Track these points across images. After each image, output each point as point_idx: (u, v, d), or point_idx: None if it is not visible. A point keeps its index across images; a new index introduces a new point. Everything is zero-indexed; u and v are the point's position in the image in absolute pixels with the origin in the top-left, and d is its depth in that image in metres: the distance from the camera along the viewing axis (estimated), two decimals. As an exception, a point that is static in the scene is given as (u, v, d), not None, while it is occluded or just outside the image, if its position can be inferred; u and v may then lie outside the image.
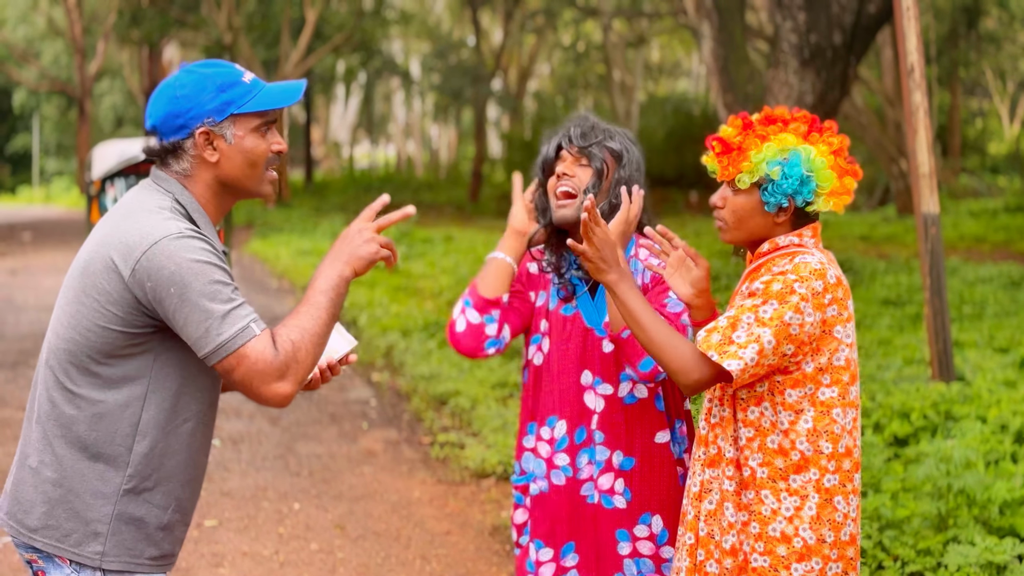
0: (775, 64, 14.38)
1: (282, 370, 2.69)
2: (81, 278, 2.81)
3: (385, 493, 7.46)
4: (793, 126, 3.14)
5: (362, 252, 2.86)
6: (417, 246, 22.13)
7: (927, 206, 7.99)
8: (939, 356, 8.05)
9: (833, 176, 3.09)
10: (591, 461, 3.47)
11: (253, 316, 2.71)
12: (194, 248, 2.71)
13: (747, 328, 2.98)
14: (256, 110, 2.89)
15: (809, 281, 3.00)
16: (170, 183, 2.89)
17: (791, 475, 3.06)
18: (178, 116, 2.85)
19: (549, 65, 50.00)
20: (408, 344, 12.14)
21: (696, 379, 3.01)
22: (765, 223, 3.14)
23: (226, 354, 2.67)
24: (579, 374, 3.48)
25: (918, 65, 8.02)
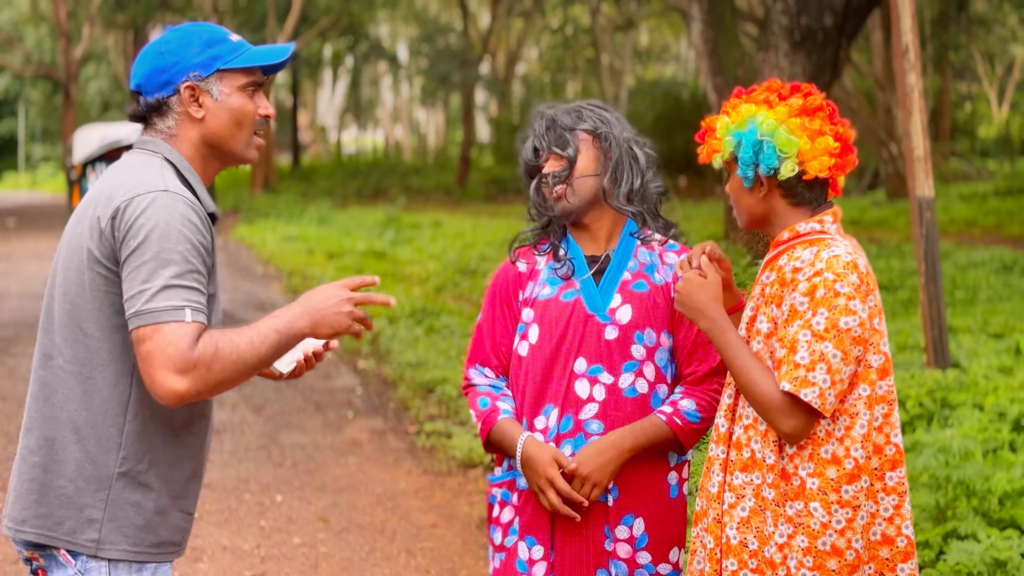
0: (765, 47, 14.23)
1: (187, 366, 2.54)
2: (68, 244, 2.75)
3: (370, 484, 7.31)
4: (756, 95, 3.02)
5: (332, 320, 2.73)
6: (405, 232, 21.98)
7: (922, 189, 7.84)
8: (934, 342, 7.91)
9: (795, 138, 2.93)
10: (575, 453, 3.29)
11: (194, 304, 2.58)
12: (175, 209, 2.62)
13: (807, 346, 2.84)
14: (243, 66, 2.82)
15: (847, 276, 2.86)
16: (156, 144, 2.82)
17: (843, 485, 2.90)
18: (163, 71, 2.79)
19: (537, 49, 49.79)
20: (395, 331, 11.99)
21: (791, 425, 2.87)
22: (755, 200, 3.03)
23: (144, 323, 2.55)
24: (573, 361, 3.31)
25: (913, 46, 7.87)
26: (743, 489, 2.98)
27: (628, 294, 3.33)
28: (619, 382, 3.29)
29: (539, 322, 3.36)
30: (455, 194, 33.92)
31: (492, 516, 3.44)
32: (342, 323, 2.73)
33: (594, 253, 3.39)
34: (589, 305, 3.33)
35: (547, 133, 3.35)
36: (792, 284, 2.90)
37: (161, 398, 2.56)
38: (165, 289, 2.55)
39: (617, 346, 3.30)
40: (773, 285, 2.97)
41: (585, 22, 39.56)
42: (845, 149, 2.99)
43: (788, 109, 2.96)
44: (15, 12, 45.55)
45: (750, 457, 2.98)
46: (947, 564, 4.94)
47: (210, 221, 2.79)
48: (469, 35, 37.69)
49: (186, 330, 2.54)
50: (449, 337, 11.55)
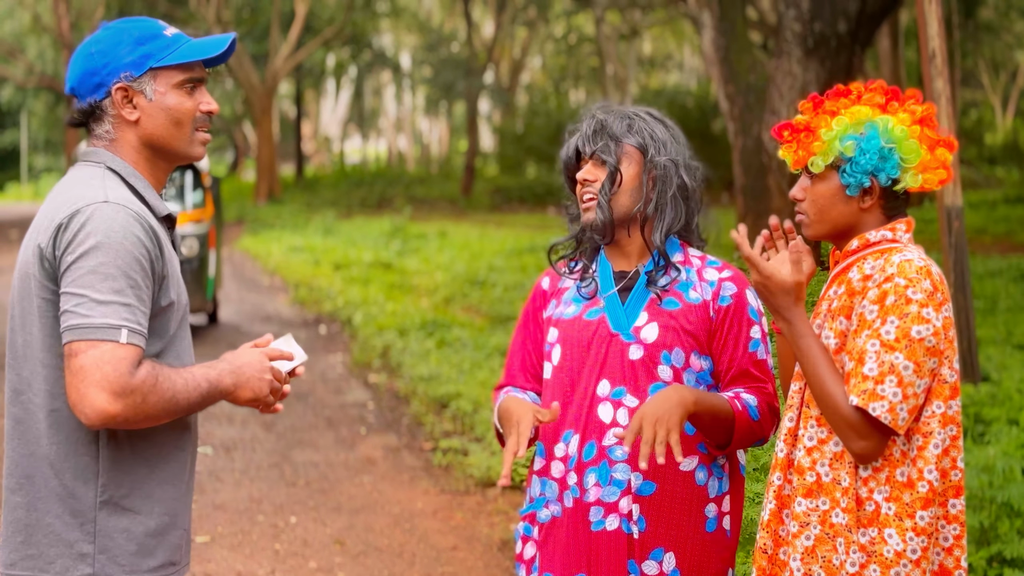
0: (778, 54, 14.05)
1: (124, 391, 2.43)
2: (19, 273, 2.64)
3: (386, 504, 7.09)
4: (867, 97, 2.78)
5: (255, 385, 2.66)
6: (411, 242, 21.80)
7: (950, 198, 7.64)
8: (964, 355, 7.70)
9: (919, 147, 2.72)
10: (599, 483, 3.03)
11: (132, 325, 2.47)
12: (115, 221, 2.51)
13: (876, 358, 2.61)
14: (177, 63, 2.68)
15: (919, 282, 2.64)
16: (97, 153, 2.70)
17: (918, 511, 2.68)
18: (94, 74, 2.67)
19: (541, 58, 49.68)
20: (406, 344, 11.78)
21: (862, 446, 2.66)
22: (850, 211, 2.78)
23: (78, 337, 2.44)
24: (596, 384, 3.06)
25: (940, 51, 7.68)
26: (807, 516, 2.76)
27: (656, 312, 3.07)
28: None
29: (562, 342, 3.13)
30: (460, 204, 33.74)
31: (516, 553, 3.21)
32: (263, 390, 2.67)
33: (624, 269, 3.16)
34: (613, 323, 3.08)
35: (593, 137, 3.12)
36: (862, 293, 2.69)
37: (87, 416, 2.44)
38: (102, 304, 2.45)
39: (642, 367, 3.05)
40: (841, 298, 2.75)
41: (589, 31, 39.43)
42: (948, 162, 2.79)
43: (911, 116, 2.75)
44: (17, 23, 45.41)
45: (815, 482, 2.76)
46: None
47: (166, 224, 2.70)
48: (473, 44, 37.53)
49: (125, 352, 2.44)
50: (461, 350, 11.34)
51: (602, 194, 3.09)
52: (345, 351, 12.43)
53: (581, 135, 3.17)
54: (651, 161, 3.10)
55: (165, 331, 2.62)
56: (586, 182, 3.12)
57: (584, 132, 3.16)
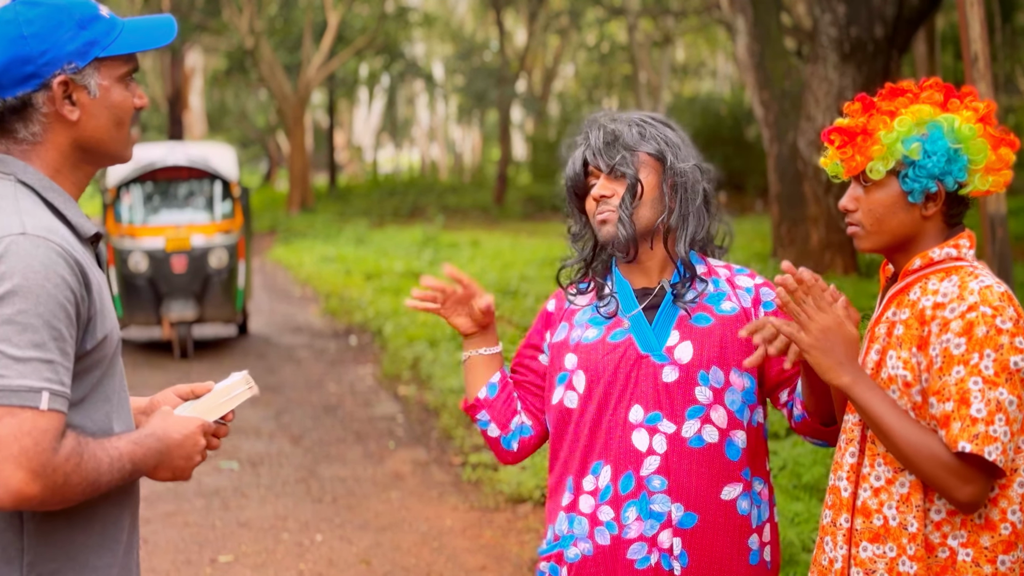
0: (814, 59, 13.86)
1: (44, 470, 2.05)
2: None
3: (414, 521, 6.93)
4: (925, 95, 2.54)
5: (178, 466, 2.29)
6: (443, 251, 21.66)
7: (993, 205, 7.41)
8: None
9: (987, 147, 2.49)
10: (640, 517, 2.81)
11: (54, 387, 2.08)
12: (35, 258, 2.09)
13: (981, 396, 2.37)
14: (125, 52, 2.31)
15: (1005, 309, 2.40)
16: (8, 162, 2.25)
17: (999, 555, 2.45)
18: (27, 62, 2.22)
19: (574, 66, 49.53)
20: (435, 355, 11.61)
21: (970, 492, 2.41)
22: (911, 219, 2.54)
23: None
24: (627, 410, 2.84)
25: (982, 55, 7.46)
26: (873, 563, 2.52)
27: (688, 329, 2.86)
28: (682, 431, 2.82)
29: (585, 368, 2.89)
30: (492, 212, 33.58)
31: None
32: (184, 472, 2.32)
33: (644, 286, 2.93)
34: (642, 344, 2.86)
35: (606, 149, 2.88)
36: (940, 324, 2.43)
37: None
38: (20, 362, 2.05)
39: (678, 389, 2.83)
40: (910, 325, 2.50)
41: (622, 39, 39.26)
42: None
43: (974, 113, 2.51)
44: None
45: (882, 525, 2.51)
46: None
47: (90, 247, 2.32)
48: (505, 53, 37.43)
49: (47, 423, 2.05)
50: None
51: (623, 209, 2.86)
52: (375, 363, 12.29)
53: (590, 147, 2.92)
54: (670, 168, 2.89)
55: (91, 375, 2.23)
56: (603, 198, 2.89)
57: (593, 144, 2.91)
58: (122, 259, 12.62)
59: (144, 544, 6.62)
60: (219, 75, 39.30)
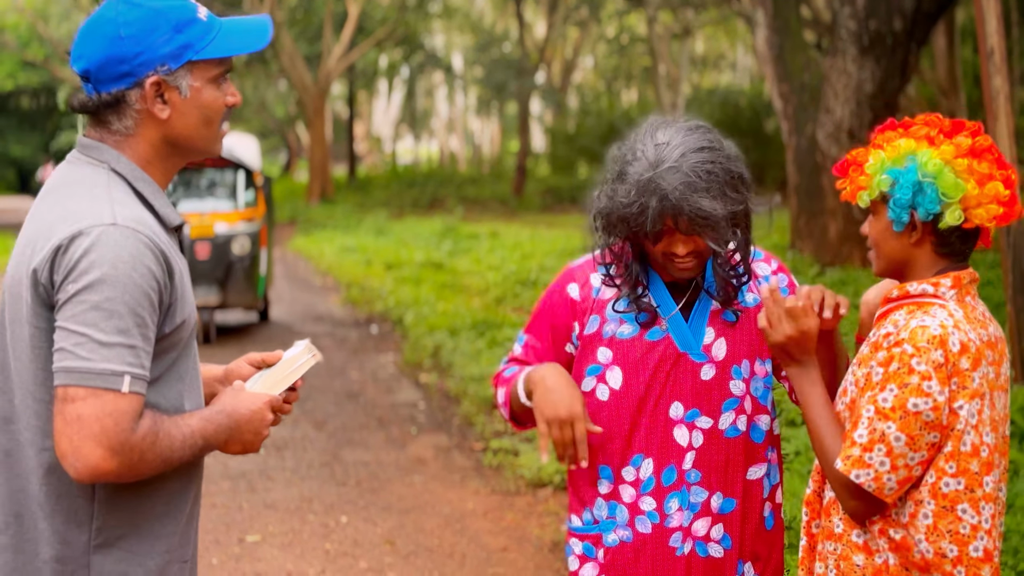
0: (833, 52, 13.92)
1: (122, 448, 2.20)
2: (10, 290, 2.34)
3: (437, 504, 7.08)
4: (914, 129, 2.65)
5: (247, 440, 2.42)
6: (462, 242, 21.79)
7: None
8: (1023, 358, 7.57)
9: (962, 181, 2.57)
10: (681, 507, 2.94)
11: (135, 371, 2.21)
12: (124, 249, 2.22)
13: (868, 424, 2.54)
14: (219, 56, 2.40)
15: (928, 353, 2.50)
16: (101, 150, 2.38)
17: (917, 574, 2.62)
18: (122, 61, 2.32)
19: (593, 58, 49.56)
20: (456, 344, 11.76)
21: (853, 506, 2.61)
22: (900, 246, 2.67)
23: (76, 383, 2.18)
24: (667, 407, 2.94)
25: (998, 48, 7.55)
26: (827, 558, 2.72)
27: (720, 325, 2.96)
28: (719, 424, 2.94)
29: (621, 364, 2.96)
30: (511, 204, 33.70)
31: (570, 570, 3.08)
32: (253, 446, 2.45)
33: (676, 280, 2.97)
34: (680, 343, 2.94)
35: (694, 225, 2.75)
36: (884, 349, 2.58)
37: (76, 470, 2.19)
38: (105, 346, 2.18)
39: (715, 385, 2.94)
40: (870, 346, 2.66)
41: (641, 31, 39.28)
42: (1014, 197, 2.61)
43: (955, 148, 2.59)
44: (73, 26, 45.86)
45: (831, 528, 2.72)
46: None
47: (174, 235, 2.44)
48: (525, 44, 37.50)
49: (127, 404, 2.20)
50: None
51: (718, 263, 2.89)
52: (396, 351, 12.44)
53: (680, 216, 2.75)
54: (737, 219, 2.85)
55: (168, 356, 2.36)
56: (686, 258, 2.84)
57: (687, 213, 2.74)
58: None
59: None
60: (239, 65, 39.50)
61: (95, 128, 2.41)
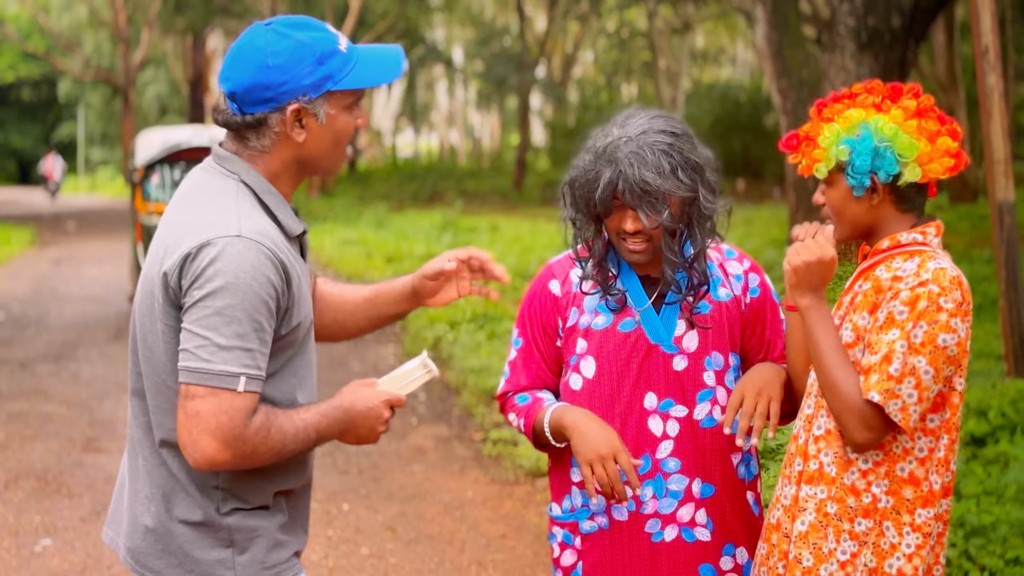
0: (831, 48, 14.01)
1: (236, 440, 2.43)
2: (143, 286, 2.57)
3: (437, 493, 7.19)
4: (861, 99, 2.84)
5: (362, 434, 2.65)
6: (462, 235, 21.88)
7: (1002, 193, 7.64)
8: (1015, 351, 7.69)
9: (915, 141, 2.76)
10: (656, 495, 3.06)
11: (251, 372, 2.44)
12: (246, 260, 2.43)
13: (901, 359, 2.67)
14: (356, 87, 2.59)
15: (952, 291, 2.69)
16: (234, 162, 2.58)
17: (918, 508, 2.76)
18: (268, 88, 2.51)
19: (593, 52, 49.64)
20: (456, 336, 11.88)
21: (867, 437, 2.72)
22: (862, 210, 2.84)
23: (197, 382, 2.41)
24: (641, 397, 3.05)
25: (992, 46, 7.66)
26: (805, 502, 2.84)
27: (692, 318, 3.07)
28: (694, 413, 3.05)
29: (595, 355, 3.06)
30: (511, 197, 33.81)
31: (553, 556, 3.21)
32: (369, 439, 2.67)
33: (649, 273, 3.09)
34: (652, 335, 3.06)
35: (643, 197, 2.89)
36: (892, 292, 2.73)
37: (194, 459, 2.44)
38: (224, 349, 2.41)
39: (688, 376, 3.05)
40: (868, 294, 2.80)
41: (641, 25, 39.38)
42: (960, 148, 2.82)
43: (904, 111, 2.79)
44: (75, 17, 45.98)
45: (817, 469, 2.83)
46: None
47: (295, 243, 2.63)
48: (525, 38, 37.60)
49: (242, 402, 2.42)
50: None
51: (667, 249, 2.97)
52: (397, 343, 12.55)
53: (627, 186, 2.89)
54: (692, 203, 2.97)
55: (283, 354, 2.58)
56: (636, 233, 2.97)
57: (632, 185, 2.88)
58: (149, 235, 13.17)
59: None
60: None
61: (233, 141, 2.62)
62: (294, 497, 2.70)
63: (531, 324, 3.18)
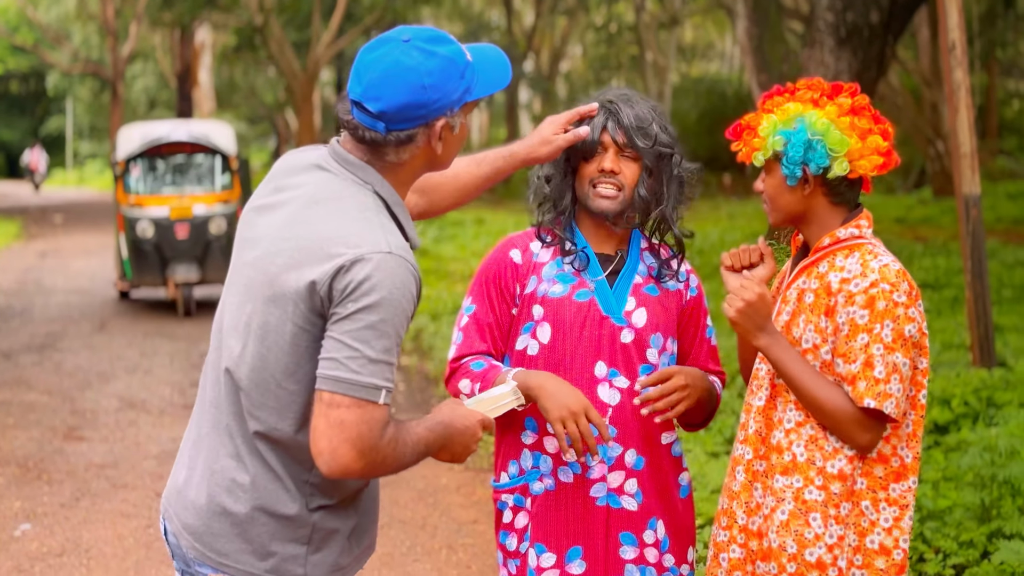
0: (810, 43, 14.11)
1: (371, 451, 2.48)
2: (265, 284, 2.58)
3: (411, 480, 7.32)
4: (800, 93, 3.00)
5: (457, 451, 2.70)
6: (448, 229, 22.01)
7: (968, 187, 7.77)
8: (980, 341, 7.84)
9: (846, 137, 2.91)
10: (603, 459, 3.20)
11: (390, 384, 2.50)
12: (398, 277, 2.48)
13: (882, 360, 2.84)
14: (484, 95, 2.67)
15: (901, 284, 2.86)
16: (367, 171, 2.62)
17: (891, 483, 2.93)
18: (422, 107, 2.56)
19: (581, 46, 49.71)
20: (437, 328, 12.02)
21: (869, 438, 2.89)
22: (795, 199, 2.99)
23: (346, 392, 2.45)
24: (592, 365, 3.20)
25: (959, 42, 7.79)
26: (783, 492, 2.96)
27: (642, 297, 3.25)
28: (635, 385, 3.20)
29: (551, 322, 3.22)
30: (498, 191, 33.89)
31: (503, 522, 3.31)
32: (461, 457, 2.73)
33: (604, 251, 3.28)
34: (604, 307, 3.22)
35: (636, 132, 3.16)
36: (845, 296, 2.87)
37: (328, 467, 2.48)
38: (373, 363, 2.46)
39: (634, 349, 3.22)
40: (818, 294, 2.94)
41: (629, 19, 39.47)
42: (891, 148, 2.97)
43: (838, 108, 2.93)
44: (63, 10, 45.94)
45: (791, 461, 2.96)
46: (992, 564, 4.90)
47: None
48: (513, 32, 37.68)
49: (380, 415, 2.48)
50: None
51: (639, 190, 3.18)
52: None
53: (620, 124, 3.18)
54: (673, 162, 3.23)
55: None
56: (610, 172, 3.18)
57: (625, 122, 3.18)
58: (131, 226, 13.97)
59: (157, 497, 7.01)
60: (228, 52, 39.57)
61: (362, 151, 2.64)
62: (367, 498, 2.76)
63: (489, 289, 3.28)
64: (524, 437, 3.26)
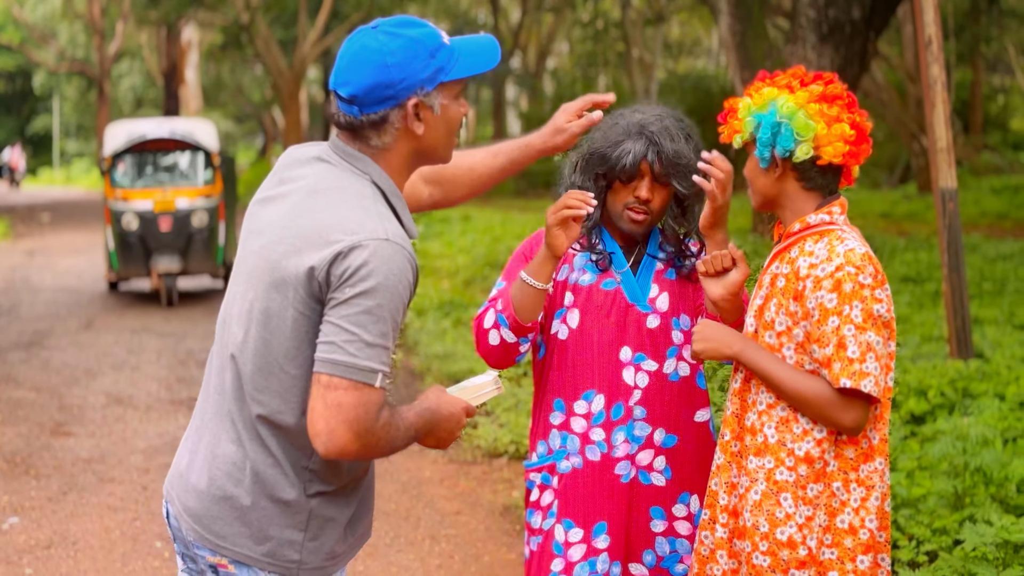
0: (793, 39, 14.24)
1: (366, 433, 2.53)
2: (265, 272, 2.65)
3: (396, 472, 7.40)
4: (778, 79, 3.10)
5: (442, 438, 2.77)
6: (435, 225, 22.04)
7: (945, 181, 7.86)
8: (957, 333, 7.93)
9: (812, 123, 3.00)
10: (627, 439, 3.37)
11: (386, 368, 2.57)
12: (395, 263, 2.55)
13: (854, 340, 2.92)
14: (464, 76, 2.73)
15: (866, 267, 2.94)
16: (365, 162, 2.71)
17: (860, 464, 3.01)
18: (388, 87, 2.64)
19: (568, 43, 49.77)
20: (423, 323, 12.09)
21: (852, 418, 2.96)
22: (768, 182, 3.09)
23: (344, 375, 2.51)
24: (618, 350, 3.39)
25: (936, 38, 7.88)
26: (756, 473, 3.05)
27: (663, 283, 3.43)
28: (663, 368, 3.39)
29: (580, 308, 3.41)
30: (484, 188, 33.90)
31: (531, 500, 3.49)
32: (445, 443, 2.79)
33: (627, 242, 3.48)
34: (629, 295, 3.41)
35: (674, 167, 3.33)
36: (813, 281, 2.96)
37: (325, 447, 2.53)
38: (370, 347, 2.52)
39: (660, 333, 3.40)
40: (788, 278, 3.03)
41: (615, 16, 39.55)
42: (860, 138, 3.04)
43: (808, 94, 3.02)
44: (49, 8, 45.91)
45: (763, 442, 3.05)
46: (963, 551, 4.99)
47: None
48: (499, 29, 37.74)
49: (376, 397, 2.54)
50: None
51: (671, 218, 3.43)
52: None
53: (662, 155, 3.32)
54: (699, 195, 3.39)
55: None
56: (646, 201, 3.35)
57: (666, 154, 3.32)
58: (116, 218, 14.65)
59: (143, 491, 7.08)
60: (215, 50, 39.58)
61: (352, 140, 2.73)
62: (364, 487, 2.83)
63: (521, 265, 3.46)
64: (552, 418, 3.45)
